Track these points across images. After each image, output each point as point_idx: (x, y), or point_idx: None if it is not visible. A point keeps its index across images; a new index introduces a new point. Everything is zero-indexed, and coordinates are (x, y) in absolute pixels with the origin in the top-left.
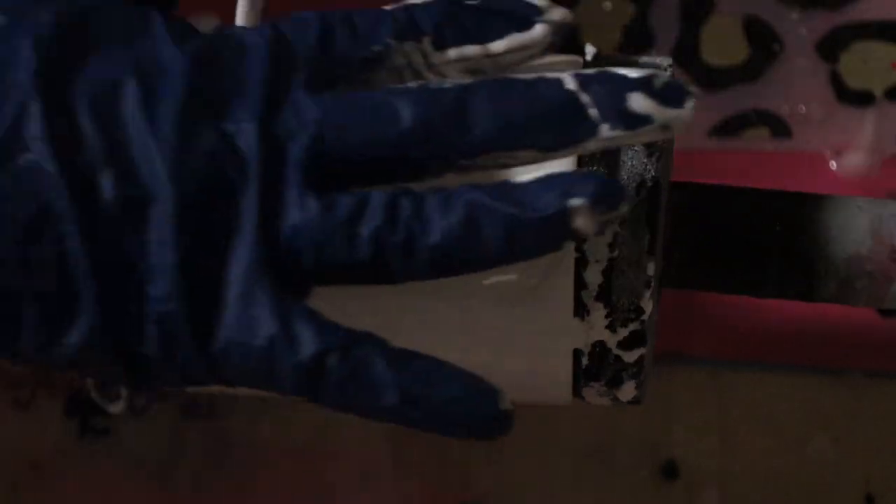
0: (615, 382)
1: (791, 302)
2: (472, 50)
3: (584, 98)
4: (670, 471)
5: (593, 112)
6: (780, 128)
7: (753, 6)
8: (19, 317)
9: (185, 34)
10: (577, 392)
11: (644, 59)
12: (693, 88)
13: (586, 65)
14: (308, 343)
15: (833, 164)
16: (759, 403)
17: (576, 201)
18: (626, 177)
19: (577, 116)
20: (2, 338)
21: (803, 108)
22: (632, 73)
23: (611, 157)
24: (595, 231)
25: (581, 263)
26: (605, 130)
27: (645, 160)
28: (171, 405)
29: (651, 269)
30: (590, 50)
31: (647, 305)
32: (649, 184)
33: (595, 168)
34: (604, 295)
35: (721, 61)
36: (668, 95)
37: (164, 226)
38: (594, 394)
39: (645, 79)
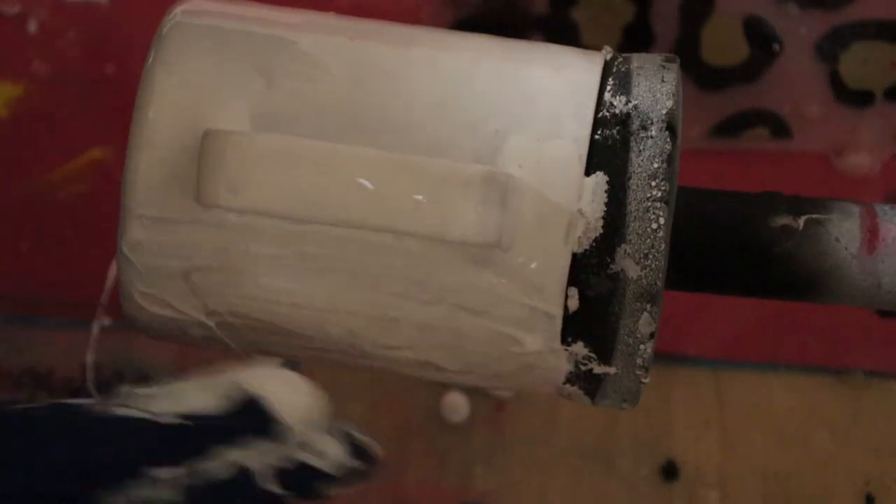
0: None
1: (791, 302)
2: None
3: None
4: (670, 471)
5: None
6: (780, 128)
7: (753, 6)
8: None
9: None
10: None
11: (646, 56)
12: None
13: (606, 65)
14: None
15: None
16: (759, 403)
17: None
18: None
19: None
20: None
21: (803, 108)
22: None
23: None
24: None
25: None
26: None
27: None
28: None
29: None
30: (607, 50)
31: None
32: None
33: None
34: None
35: (721, 61)
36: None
37: None
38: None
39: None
